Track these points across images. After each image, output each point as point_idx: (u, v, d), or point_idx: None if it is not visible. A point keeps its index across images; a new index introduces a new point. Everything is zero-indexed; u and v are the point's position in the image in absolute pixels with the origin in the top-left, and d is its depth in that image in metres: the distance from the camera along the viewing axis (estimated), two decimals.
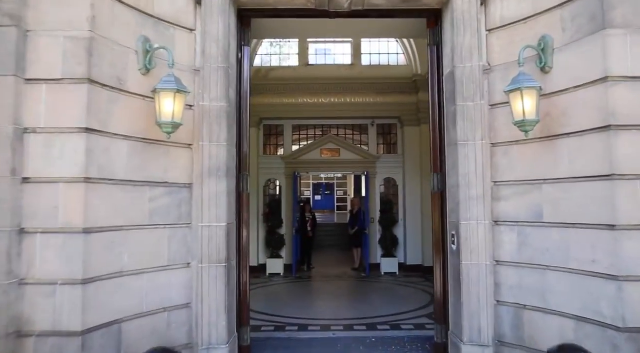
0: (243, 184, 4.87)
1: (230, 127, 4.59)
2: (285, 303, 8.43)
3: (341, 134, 12.93)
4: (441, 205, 4.88)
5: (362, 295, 9.15)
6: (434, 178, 4.94)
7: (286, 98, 12.12)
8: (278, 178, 12.70)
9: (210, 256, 4.30)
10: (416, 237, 11.95)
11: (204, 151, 4.35)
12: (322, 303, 8.50)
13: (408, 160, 12.16)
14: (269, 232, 12.01)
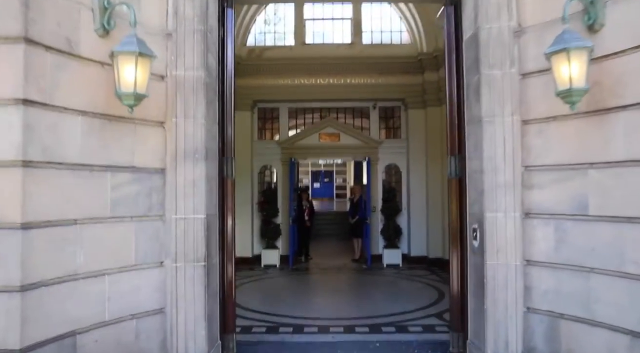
0: (227, 169, 4.16)
1: (211, 102, 3.86)
2: (280, 299, 7.77)
3: (341, 118, 12.18)
4: (459, 193, 4.18)
5: (364, 289, 8.50)
6: (451, 162, 4.23)
7: (282, 79, 11.35)
8: (274, 164, 11.98)
9: (187, 254, 3.61)
10: (420, 227, 11.28)
11: (177, 129, 3.63)
12: (320, 300, 7.84)
13: (412, 145, 11.44)
14: (264, 221, 11.33)
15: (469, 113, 3.99)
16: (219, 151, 4.06)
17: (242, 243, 11.21)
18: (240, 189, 11.38)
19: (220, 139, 4.08)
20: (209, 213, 3.74)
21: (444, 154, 10.82)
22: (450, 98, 4.24)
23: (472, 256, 3.91)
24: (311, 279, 9.67)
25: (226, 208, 4.13)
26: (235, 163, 4.22)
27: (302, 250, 12.15)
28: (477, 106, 3.79)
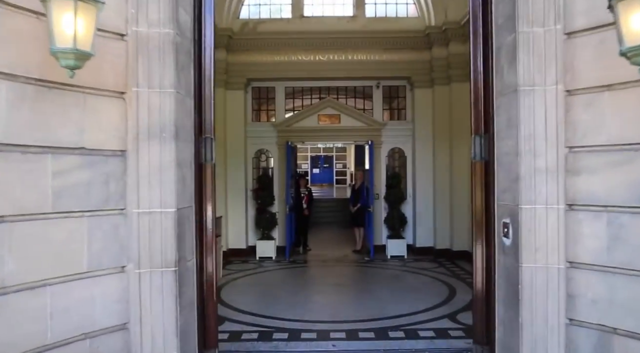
0: (206, 152, 3.44)
1: (183, 68, 3.13)
2: (275, 297, 7.11)
3: (341, 98, 11.43)
4: (485, 180, 3.47)
5: (367, 285, 7.85)
6: (476, 143, 3.51)
7: (278, 56, 10.57)
8: (269, 148, 11.26)
9: (152, 257, 2.91)
10: (427, 216, 10.61)
11: (139, 101, 2.91)
12: (318, 298, 7.19)
13: (418, 128, 10.70)
14: (259, 210, 10.65)
15: (499, 82, 3.26)
16: (195, 130, 3.33)
17: (236, 234, 10.58)
18: (233, 176, 10.71)
19: (196, 115, 3.35)
20: (181, 207, 3.03)
21: (453, 137, 10.19)
22: (474, 66, 3.50)
23: (502, 256, 3.22)
24: (309, 273, 9.03)
25: (205, 199, 3.42)
26: (215, 144, 3.48)
27: (300, 240, 11.50)
28: (511, 73, 3.06)
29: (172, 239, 2.94)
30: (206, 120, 3.46)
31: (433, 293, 7.09)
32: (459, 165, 10.00)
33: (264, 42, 10.48)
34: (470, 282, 7.95)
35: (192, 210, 3.28)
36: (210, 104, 3.47)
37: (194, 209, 3.31)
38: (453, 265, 9.51)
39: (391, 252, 10.43)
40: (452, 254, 10.11)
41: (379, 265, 9.61)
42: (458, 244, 10.05)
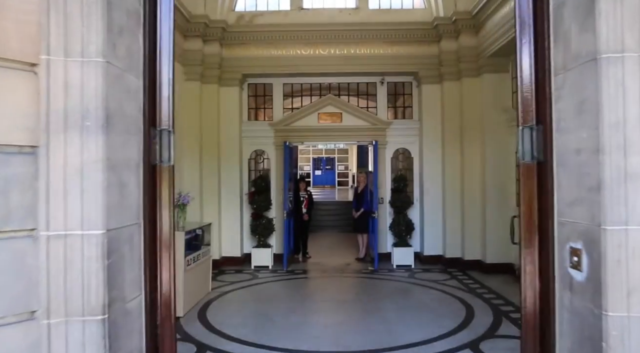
0: (161, 149, 2.56)
1: (123, 31, 2.24)
2: (269, 317, 6.20)
3: (343, 95, 10.54)
4: (539, 188, 2.57)
5: (372, 302, 6.95)
6: (524, 138, 2.61)
7: (276, 50, 9.71)
8: (266, 149, 10.39)
9: (69, 301, 2.02)
10: (435, 222, 9.72)
11: (51, 73, 2.02)
12: (318, 319, 6.28)
13: (426, 127, 9.82)
14: (255, 215, 9.77)
15: (562, 53, 2.35)
16: (146, 119, 2.45)
17: (230, 241, 9.72)
18: (228, 178, 9.84)
19: (147, 99, 2.47)
20: (115, 226, 2.14)
21: (464, 136, 9.28)
22: (521, 34, 2.60)
23: (571, 296, 2.32)
24: (308, 286, 8.14)
25: (159, 213, 2.53)
26: (174, 138, 2.60)
27: (300, 247, 10.62)
28: (584, 37, 2.16)
29: (100, 274, 2.04)
30: (162, 106, 2.58)
31: (448, 313, 6.20)
32: (471, 166, 9.14)
33: (261, 36, 9.63)
34: (489, 299, 7.10)
35: (139, 228, 2.38)
36: (168, 84, 2.59)
37: (143, 227, 2.42)
38: (465, 276, 8.61)
39: (397, 261, 9.55)
40: (463, 264, 9.22)
41: (384, 276, 8.72)
42: (470, 253, 9.17)
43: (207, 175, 9.47)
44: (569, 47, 2.32)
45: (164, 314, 2.58)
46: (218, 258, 9.50)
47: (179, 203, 6.85)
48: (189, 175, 9.18)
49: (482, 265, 8.95)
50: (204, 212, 9.41)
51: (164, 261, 2.58)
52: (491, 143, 8.84)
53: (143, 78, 2.46)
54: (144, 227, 2.45)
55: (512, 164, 8.77)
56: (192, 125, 9.20)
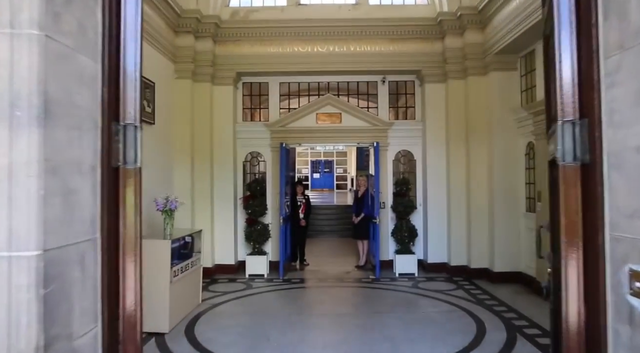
0: (126, 149, 2.10)
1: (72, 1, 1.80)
2: (262, 334, 5.71)
3: (343, 95, 10.11)
4: (584, 195, 2.12)
5: (375, 316, 6.48)
6: (564, 135, 2.15)
7: (272, 47, 9.27)
8: (262, 151, 9.94)
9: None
10: (440, 228, 9.27)
11: None
12: (316, 336, 5.78)
13: (430, 128, 9.39)
14: (249, 221, 9.31)
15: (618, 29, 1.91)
16: (105, 112, 2.00)
17: (223, 248, 9.26)
18: (221, 182, 9.38)
19: (108, 87, 2.02)
20: (58, 245, 1.69)
21: (470, 137, 8.82)
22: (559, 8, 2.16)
23: (631, 331, 1.86)
24: (306, 297, 7.67)
25: (122, 226, 2.08)
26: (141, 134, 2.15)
27: (297, 254, 10.17)
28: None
29: (33, 307, 1.59)
30: (126, 97, 2.13)
31: (457, 328, 5.74)
32: (478, 169, 8.71)
33: (256, 32, 9.19)
34: (500, 312, 6.64)
35: (93, 245, 1.93)
36: (135, 70, 2.14)
37: (99, 243, 1.97)
38: (472, 286, 8.16)
39: (400, 269, 9.09)
40: (469, 272, 8.77)
41: (386, 285, 8.26)
42: (477, 261, 8.72)
43: (199, 179, 9.02)
44: (626, 20, 1.87)
45: (127, 348, 2.13)
46: (210, 266, 9.04)
47: (166, 208, 6.40)
48: (180, 178, 8.72)
49: (489, 274, 8.49)
50: (196, 217, 8.96)
51: (128, 282, 2.13)
52: (499, 145, 8.41)
53: (102, 61, 2.01)
54: (102, 242, 2.00)
55: (521, 167, 8.33)
56: (183, 126, 8.76)
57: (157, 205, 6.40)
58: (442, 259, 9.27)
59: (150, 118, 7.46)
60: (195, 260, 6.95)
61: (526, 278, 8.05)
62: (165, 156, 8.31)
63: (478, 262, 8.71)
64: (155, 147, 7.76)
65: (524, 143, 8.26)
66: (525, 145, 8.24)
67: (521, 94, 8.38)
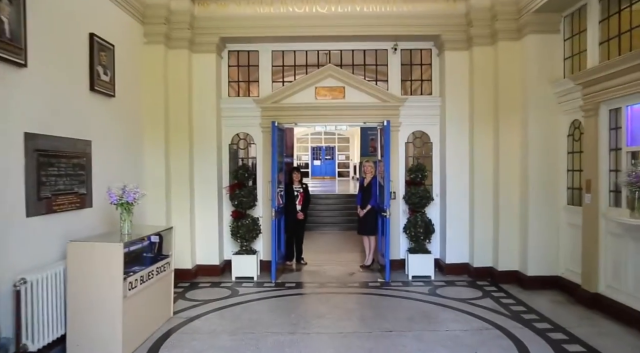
0: None
1: None
2: None
3: (347, 65, 8.60)
4: None
5: (388, 337, 5.07)
6: None
7: (262, 6, 7.76)
8: (251, 132, 8.48)
9: None
10: (460, 222, 7.87)
11: None
12: None
13: (450, 105, 7.92)
14: (236, 214, 7.90)
15: None
16: None
17: (206, 246, 7.90)
18: (202, 168, 7.91)
19: None
20: None
21: (500, 116, 6.43)
22: None
23: None
24: (302, 307, 6.26)
25: None
26: None
27: (293, 252, 8.79)
28: None
29: None
30: None
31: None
32: (508, 154, 7.31)
33: None
34: (544, 330, 5.19)
35: None
36: None
37: None
38: (502, 293, 6.78)
39: (413, 270, 7.71)
40: (496, 276, 7.38)
41: (398, 291, 6.87)
42: (505, 262, 7.33)
43: (176, 165, 7.59)
44: None
45: None
46: (190, 267, 7.67)
47: (122, 201, 4.98)
48: (152, 164, 7.29)
49: (521, 279, 7.10)
50: (172, 210, 7.55)
51: None
52: (536, 124, 6.94)
53: None
54: None
55: (562, 151, 6.89)
56: (154, 102, 7.29)
57: (111, 197, 4.98)
58: (462, 259, 7.88)
59: (108, 88, 6.00)
60: (164, 265, 5.55)
61: (567, 284, 6.66)
62: (132, 137, 6.88)
63: (507, 264, 7.32)
64: (116, 125, 6.31)
65: (567, 122, 6.80)
66: (569, 125, 6.77)
67: (564, 62, 6.90)
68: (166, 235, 5.79)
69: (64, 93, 5.09)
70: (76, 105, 5.34)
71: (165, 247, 5.78)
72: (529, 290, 6.83)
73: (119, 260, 4.42)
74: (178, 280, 7.45)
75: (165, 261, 5.62)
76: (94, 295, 4.41)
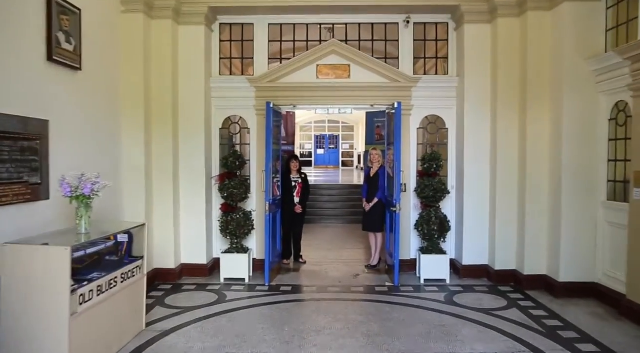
0: None
1: None
2: None
3: (352, 41, 7.64)
4: None
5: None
6: None
7: None
8: (245, 115, 7.56)
9: None
10: (480, 219, 6.96)
11: None
12: None
13: (469, 85, 6.96)
14: (226, 208, 7.00)
15: None
16: None
17: (192, 243, 7.04)
18: (189, 156, 6.95)
19: None
20: None
21: (528, 98, 4.92)
22: None
23: None
24: (298, 319, 5.36)
25: None
26: None
27: (290, 249, 7.92)
28: None
29: None
30: None
31: None
32: (537, 141, 6.38)
33: None
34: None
35: None
36: None
37: None
38: (530, 301, 5.89)
39: (426, 273, 6.81)
40: (521, 281, 6.48)
41: (409, 298, 5.97)
42: (532, 265, 6.42)
43: (159, 151, 6.69)
44: None
45: None
46: (174, 267, 6.80)
47: (76, 194, 4.09)
48: (130, 151, 6.40)
49: (551, 285, 6.19)
50: (154, 202, 6.67)
51: None
52: (571, 107, 5.98)
53: None
54: None
55: (602, 138, 5.93)
56: (134, 79, 6.37)
57: (63, 189, 4.08)
58: (481, 261, 6.98)
59: (71, 60, 5.07)
60: (133, 269, 4.67)
61: (606, 293, 5.75)
62: (105, 118, 5.98)
63: (534, 267, 6.41)
64: (84, 103, 5.40)
65: (609, 103, 5.84)
66: (611, 107, 5.81)
67: (606, 34, 5.92)
68: (138, 233, 4.89)
69: (11, 62, 4.18)
70: (28, 77, 4.43)
71: (137, 248, 4.89)
72: (561, 299, 5.92)
73: (65, 268, 3.52)
74: (159, 282, 6.63)
75: (135, 265, 4.73)
76: (34, 313, 3.52)
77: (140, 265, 4.84)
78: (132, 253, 4.85)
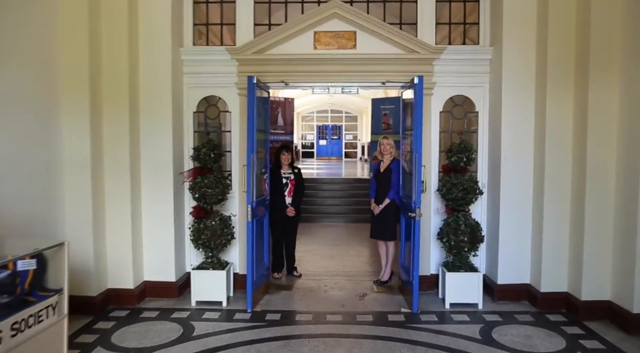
0: None
1: None
2: None
3: (359, 1, 6.12)
4: None
5: None
6: None
7: None
8: (225, 95, 6.07)
9: None
10: (521, 227, 5.50)
11: None
12: None
13: (507, 58, 5.44)
14: (198, 212, 5.53)
15: None
16: None
17: (157, 256, 5.58)
18: (153, 147, 5.53)
19: None
20: None
21: (590, 74, 2.92)
22: None
23: None
24: None
25: None
26: None
27: (282, 260, 6.50)
28: None
29: None
30: None
31: None
32: (601, 130, 4.88)
33: None
34: None
35: None
36: None
37: None
38: (594, 339, 4.44)
39: (451, 296, 5.36)
40: (577, 307, 5.01)
41: (433, 334, 4.52)
42: (592, 289, 4.95)
43: (111, 140, 5.22)
44: None
45: None
46: (132, 287, 5.36)
47: None
48: (72, 141, 4.93)
49: (619, 316, 4.72)
50: (106, 205, 5.22)
51: None
52: None
53: None
54: None
55: None
56: (75, 49, 4.88)
57: None
58: (521, 279, 5.53)
59: None
60: (42, 310, 3.22)
61: None
62: (35, 99, 4.53)
63: (595, 292, 4.94)
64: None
65: None
66: None
67: None
68: (53, 256, 3.44)
69: None
70: None
71: (53, 277, 3.44)
72: (636, 336, 4.47)
73: None
74: (114, 307, 5.21)
75: (47, 302, 3.28)
76: None
77: (58, 300, 3.39)
78: (45, 285, 3.40)
